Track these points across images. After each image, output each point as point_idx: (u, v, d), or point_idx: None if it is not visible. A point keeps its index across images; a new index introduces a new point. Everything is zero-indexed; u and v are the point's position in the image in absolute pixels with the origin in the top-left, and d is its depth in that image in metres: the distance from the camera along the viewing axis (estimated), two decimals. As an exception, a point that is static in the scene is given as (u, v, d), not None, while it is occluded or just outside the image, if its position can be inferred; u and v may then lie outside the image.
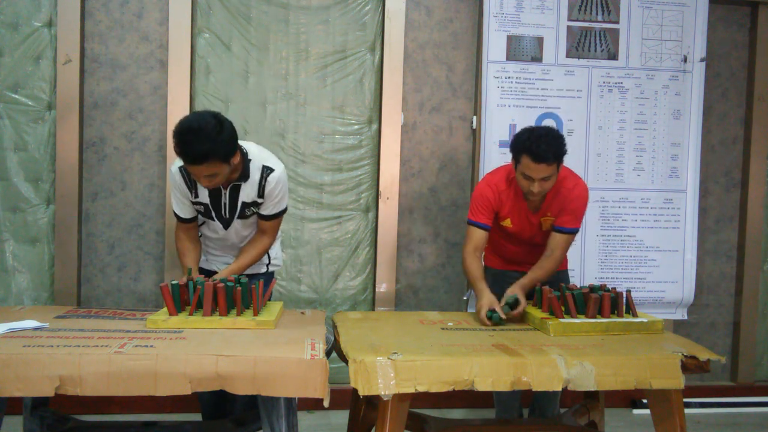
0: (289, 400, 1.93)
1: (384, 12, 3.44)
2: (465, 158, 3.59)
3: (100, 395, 1.72)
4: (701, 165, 3.65)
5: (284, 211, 2.54)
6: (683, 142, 3.59)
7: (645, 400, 3.50)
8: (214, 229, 2.54)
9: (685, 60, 3.56)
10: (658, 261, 3.59)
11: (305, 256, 3.52)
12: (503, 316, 2.39)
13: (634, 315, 2.39)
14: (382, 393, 1.84)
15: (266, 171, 2.42)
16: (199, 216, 2.53)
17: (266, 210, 2.48)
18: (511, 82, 3.45)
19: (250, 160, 2.40)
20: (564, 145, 2.51)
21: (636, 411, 3.65)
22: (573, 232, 2.66)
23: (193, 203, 2.47)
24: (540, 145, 2.42)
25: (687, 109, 3.58)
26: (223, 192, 2.42)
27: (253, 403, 2.61)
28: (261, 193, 2.43)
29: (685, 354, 2.04)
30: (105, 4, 3.30)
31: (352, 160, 3.52)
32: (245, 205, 2.45)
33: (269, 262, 2.68)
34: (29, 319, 2.12)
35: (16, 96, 3.25)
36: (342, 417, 2.85)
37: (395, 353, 1.88)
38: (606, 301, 2.35)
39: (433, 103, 3.55)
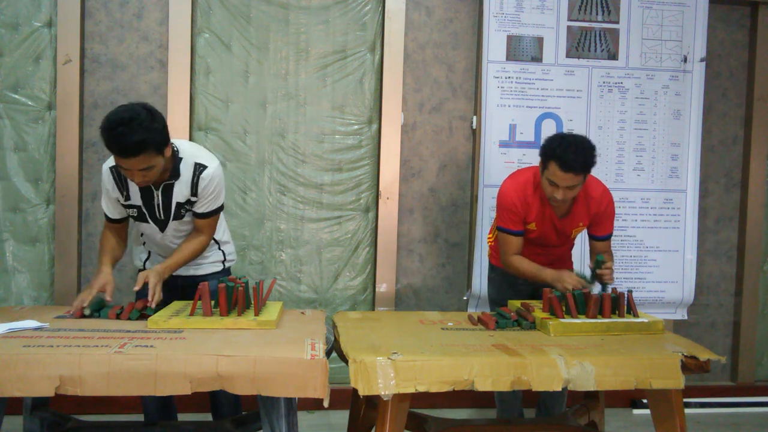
0: (289, 400, 1.93)
1: (384, 12, 3.44)
2: (465, 158, 3.59)
3: (100, 395, 1.72)
4: (701, 165, 3.65)
5: (220, 208, 2.46)
6: (683, 142, 3.59)
7: (645, 400, 3.50)
8: (150, 233, 2.45)
9: (685, 60, 3.56)
10: (658, 261, 3.59)
11: (305, 256, 3.52)
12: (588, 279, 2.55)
13: (635, 315, 2.39)
14: (382, 393, 1.84)
15: (199, 168, 2.34)
16: (133, 221, 2.45)
17: (200, 208, 2.40)
18: (511, 82, 3.45)
19: (181, 158, 2.33)
20: (594, 156, 2.48)
21: (636, 411, 3.65)
22: (611, 236, 2.75)
23: (125, 206, 2.39)
24: (569, 153, 2.39)
25: (687, 109, 3.58)
26: (155, 193, 2.34)
27: (237, 405, 2.62)
28: (194, 191, 2.35)
29: (685, 354, 2.04)
30: (105, 4, 3.30)
31: (352, 160, 3.52)
32: (179, 205, 2.37)
33: (225, 259, 2.63)
34: (29, 319, 2.12)
35: (16, 96, 3.25)
36: (342, 417, 2.84)
37: (395, 353, 1.88)
38: (606, 302, 2.35)
39: (433, 103, 3.55)
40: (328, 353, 1.96)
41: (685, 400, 2.13)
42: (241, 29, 3.39)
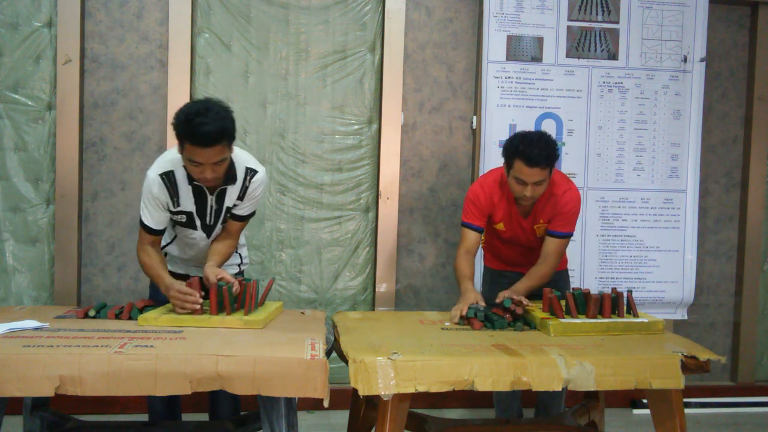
0: (289, 400, 1.93)
1: (384, 12, 3.44)
2: (465, 158, 3.59)
3: (100, 395, 1.72)
4: (701, 165, 3.65)
5: (254, 212, 2.49)
6: (683, 142, 3.59)
7: (645, 400, 3.50)
8: (193, 240, 2.43)
9: (685, 60, 3.56)
10: (658, 261, 3.59)
11: (305, 256, 3.52)
12: (483, 304, 2.39)
13: (635, 315, 2.39)
14: (382, 393, 1.83)
15: (250, 172, 2.36)
16: (171, 230, 2.44)
17: (242, 210, 2.40)
18: (511, 82, 3.45)
19: (233, 162, 2.33)
20: (556, 149, 2.50)
21: (636, 411, 3.65)
22: (566, 237, 2.65)
23: (174, 213, 2.35)
24: (533, 149, 2.42)
25: (687, 109, 3.58)
26: (209, 197, 2.33)
27: (236, 406, 2.62)
28: (242, 194, 2.36)
29: (685, 354, 2.04)
30: (105, 4, 3.30)
31: (352, 160, 3.52)
32: (227, 209, 2.39)
33: (241, 262, 2.64)
34: (29, 319, 2.12)
35: (16, 96, 3.25)
36: (342, 417, 2.84)
37: (395, 353, 1.88)
38: (607, 302, 2.35)
39: (433, 103, 3.55)
40: (328, 353, 1.96)
41: (685, 400, 2.13)
42: (241, 29, 3.39)
